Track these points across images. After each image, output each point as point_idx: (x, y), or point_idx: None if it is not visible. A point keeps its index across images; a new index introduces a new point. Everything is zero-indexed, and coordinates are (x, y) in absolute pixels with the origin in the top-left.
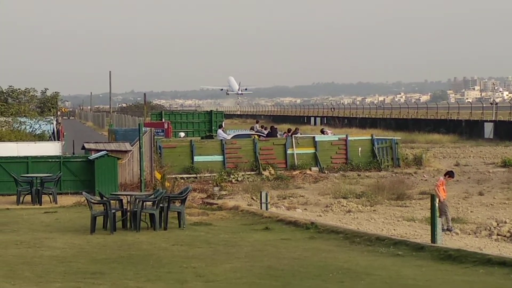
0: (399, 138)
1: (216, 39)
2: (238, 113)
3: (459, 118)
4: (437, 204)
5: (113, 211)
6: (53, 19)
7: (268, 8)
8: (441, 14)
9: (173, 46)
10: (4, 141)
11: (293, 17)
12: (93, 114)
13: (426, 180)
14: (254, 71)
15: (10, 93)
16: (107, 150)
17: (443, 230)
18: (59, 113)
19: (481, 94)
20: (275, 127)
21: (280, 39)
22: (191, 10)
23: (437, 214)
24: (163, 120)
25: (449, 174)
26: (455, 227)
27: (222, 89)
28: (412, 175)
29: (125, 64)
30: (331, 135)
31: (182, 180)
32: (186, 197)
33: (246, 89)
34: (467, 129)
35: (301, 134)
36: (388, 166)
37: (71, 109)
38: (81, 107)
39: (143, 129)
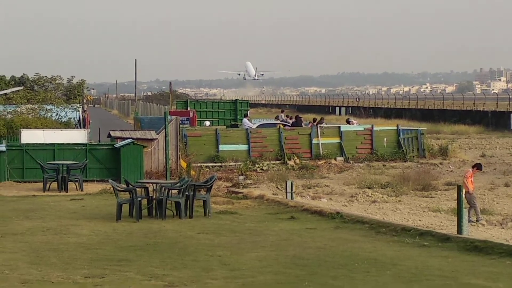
0: (425, 128)
1: (242, 28)
2: (263, 102)
3: (485, 109)
4: (465, 196)
5: (139, 199)
6: (79, 8)
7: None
8: (467, 4)
9: (199, 35)
10: (30, 128)
11: (318, 6)
12: (118, 102)
13: (451, 171)
14: (279, 60)
15: (37, 81)
16: (133, 138)
17: (475, 221)
18: (84, 100)
19: (507, 85)
20: (300, 116)
21: (305, 29)
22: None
23: (464, 205)
24: (189, 109)
25: (477, 166)
26: (482, 218)
27: (239, 74)
28: (437, 166)
29: (150, 53)
30: (356, 125)
31: (207, 169)
32: (211, 186)
33: (262, 74)
34: (493, 120)
35: (326, 124)
36: (413, 156)
37: (96, 97)
38: (107, 95)
39: (168, 117)
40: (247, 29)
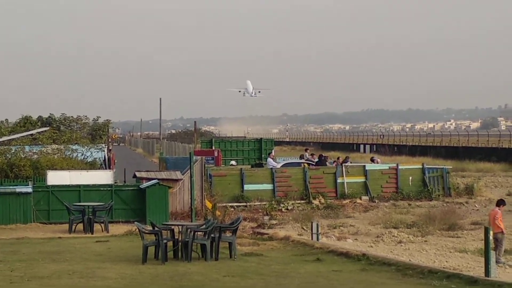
0: (450, 167)
1: (265, 63)
2: (287, 140)
3: (511, 146)
4: (497, 236)
5: (165, 241)
6: (105, 46)
7: (318, 34)
8: (491, 40)
9: (222, 72)
10: (56, 169)
11: (341, 43)
12: (143, 140)
13: (477, 210)
14: (303, 97)
15: (63, 121)
16: (158, 179)
17: (501, 262)
18: (109, 140)
19: None
20: (324, 155)
21: (329, 65)
22: (242, 35)
23: (491, 246)
24: (213, 148)
25: (502, 203)
26: (508, 259)
27: (240, 91)
28: (463, 204)
29: (175, 90)
30: (381, 164)
31: (232, 209)
32: (237, 228)
33: (259, 91)
34: None
35: (351, 162)
36: (439, 195)
37: (121, 136)
38: (131, 134)
39: (193, 157)
40: (270, 64)
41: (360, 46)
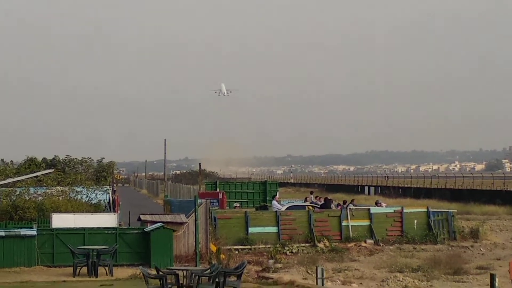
0: (455, 210)
1: (269, 104)
2: (292, 181)
3: None
4: None
5: (169, 286)
6: (108, 87)
7: (322, 76)
8: (496, 81)
9: (226, 113)
10: (61, 211)
11: (345, 85)
12: (147, 181)
13: (483, 254)
14: (308, 138)
15: (67, 163)
16: (163, 222)
17: None
18: (114, 181)
19: None
20: (329, 198)
21: (333, 106)
22: (247, 76)
23: None
24: (218, 190)
25: None
26: None
27: (215, 92)
28: (468, 248)
29: (179, 130)
30: (385, 207)
31: (237, 252)
32: (242, 272)
33: (231, 91)
34: None
35: (355, 205)
36: (444, 239)
37: (126, 176)
38: (136, 174)
39: (198, 200)
40: (275, 105)
41: (364, 88)
